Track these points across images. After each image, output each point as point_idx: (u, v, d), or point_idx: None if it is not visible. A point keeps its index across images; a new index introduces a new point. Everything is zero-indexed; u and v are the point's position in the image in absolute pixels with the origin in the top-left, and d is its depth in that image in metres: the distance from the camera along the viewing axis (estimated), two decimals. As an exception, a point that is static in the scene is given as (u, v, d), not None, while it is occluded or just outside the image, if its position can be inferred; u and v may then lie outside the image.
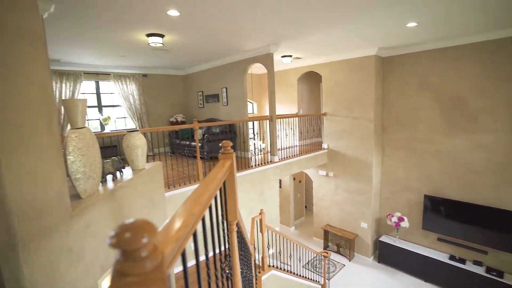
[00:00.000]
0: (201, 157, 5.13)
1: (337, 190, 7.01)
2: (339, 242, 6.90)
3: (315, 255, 6.34)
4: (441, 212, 5.56)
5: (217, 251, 0.97)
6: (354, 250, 6.73)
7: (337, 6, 3.26)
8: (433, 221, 5.69)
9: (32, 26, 1.24)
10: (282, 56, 6.20)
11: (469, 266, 5.17)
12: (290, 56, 6.27)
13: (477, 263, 5.18)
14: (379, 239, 6.38)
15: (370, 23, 3.99)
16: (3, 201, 1.12)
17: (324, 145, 7.09)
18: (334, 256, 6.85)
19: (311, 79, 8.03)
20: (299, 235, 8.27)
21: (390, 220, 6.07)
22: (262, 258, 3.60)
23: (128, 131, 2.36)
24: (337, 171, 6.94)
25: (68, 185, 1.59)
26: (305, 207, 9.51)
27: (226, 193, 1.04)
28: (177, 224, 0.49)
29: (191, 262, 3.29)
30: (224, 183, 1.05)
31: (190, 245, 2.61)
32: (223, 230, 1.16)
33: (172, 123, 7.47)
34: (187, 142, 6.10)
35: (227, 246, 1.17)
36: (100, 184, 2.01)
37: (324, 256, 4.92)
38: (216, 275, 0.94)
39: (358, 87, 6.23)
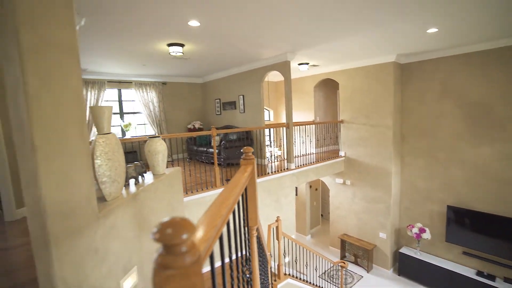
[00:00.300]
0: (218, 164, 5.19)
1: (354, 198, 6.86)
2: (356, 252, 6.71)
3: (331, 265, 6.20)
4: (466, 224, 5.30)
5: (238, 254, 0.99)
6: (372, 261, 6.52)
7: (356, 16, 3.26)
8: (458, 233, 5.43)
9: (69, 39, 1.33)
10: (299, 64, 6.23)
11: (500, 284, 4.87)
12: (307, 63, 6.29)
13: (508, 280, 4.86)
14: (399, 250, 6.16)
15: (389, 30, 3.95)
16: (38, 201, 1.20)
17: (341, 153, 6.99)
18: (351, 267, 6.66)
19: (328, 86, 8.00)
20: (315, 244, 8.12)
21: (411, 231, 5.85)
22: (278, 265, 3.56)
23: (149, 137, 2.44)
24: (355, 179, 6.81)
25: (94, 188, 1.67)
26: (321, 215, 9.35)
27: (247, 198, 1.07)
28: (207, 224, 0.51)
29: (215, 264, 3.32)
30: (245, 188, 1.08)
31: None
32: (244, 234, 1.18)
33: (190, 130, 7.63)
34: (204, 149, 6.21)
35: (247, 251, 1.18)
36: (123, 187, 2.09)
37: (341, 266, 4.81)
38: (238, 278, 0.95)
39: (376, 94, 6.14)
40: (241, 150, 1.15)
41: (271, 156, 6.33)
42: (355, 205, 6.85)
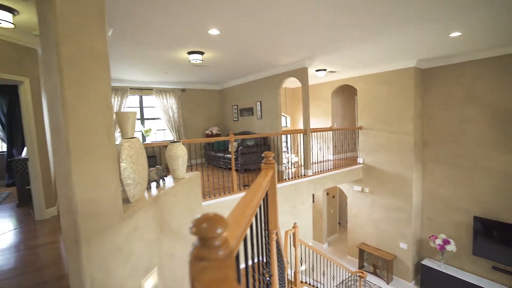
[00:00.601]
0: (235, 169, 5.25)
1: (373, 207, 6.68)
2: (375, 263, 6.51)
3: (349, 274, 6.03)
4: (496, 237, 5.01)
5: (259, 257, 1.01)
6: (392, 272, 6.29)
7: (375, 22, 3.24)
8: (486, 246, 5.14)
9: (101, 49, 1.43)
10: (316, 70, 6.23)
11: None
12: (325, 70, 6.28)
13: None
14: (421, 262, 5.91)
15: (409, 35, 3.89)
16: (71, 200, 1.27)
17: (360, 160, 6.86)
18: (370, 278, 6.46)
19: (346, 92, 7.92)
20: (332, 252, 7.95)
21: (434, 242, 5.61)
22: (295, 273, 3.53)
23: (170, 142, 2.52)
24: (373, 187, 6.64)
25: (120, 189, 1.74)
26: (339, 223, 9.15)
27: (268, 201, 1.09)
28: (234, 223, 0.54)
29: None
30: (266, 192, 1.10)
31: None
32: (265, 237, 1.20)
33: (207, 136, 7.77)
34: (222, 154, 6.29)
35: (267, 254, 1.20)
36: (146, 190, 2.16)
37: (360, 277, 4.67)
38: (260, 280, 0.97)
39: (396, 100, 6.01)
40: (262, 155, 1.18)
41: (288, 162, 6.31)
42: (374, 214, 6.66)
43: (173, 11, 2.81)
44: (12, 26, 2.71)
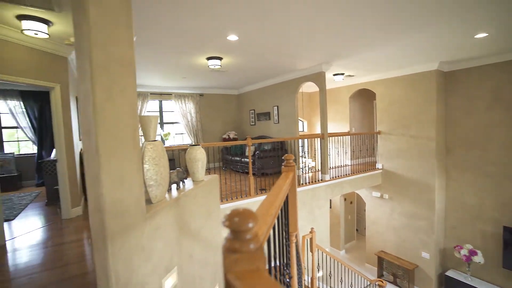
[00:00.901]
0: (252, 173, 5.27)
1: (392, 214, 6.49)
2: (395, 272, 6.29)
3: (368, 283, 5.86)
4: (526, 248, 4.72)
5: (279, 258, 1.01)
6: (414, 282, 6.05)
7: (395, 24, 3.20)
8: (516, 258, 4.85)
9: (128, 55, 1.50)
10: (334, 74, 6.18)
11: None
12: (342, 74, 6.22)
13: None
14: (445, 273, 5.65)
15: (431, 37, 3.79)
16: (99, 198, 1.34)
17: (378, 165, 6.70)
18: (389, 287, 6.24)
19: (364, 96, 7.79)
20: (349, 259, 7.76)
21: (459, 252, 5.35)
22: (312, 279, 3.48)
23: (190, 145, 2.59)
24: (393, 193, 6.45)
25: (143, 190, 1.80)
26: (356, 230, 8.94)
27: (288, 204, 1.10)
28: (261, 220, 0.55)
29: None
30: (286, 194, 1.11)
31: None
32: (285, 239, 1.21)
33: (225, 140, 7.86)
34: (239, 158, 6.34)
35: (287, 256, 1.20)
36: (166, 191, 2.22)
37: (379, 286, 4.54)
38: (280, 280, 0.98)
39: (417, 104, 5.84)
40: (280, 159, 1.19)
41: (304, 167, 6.27)
42: (394, 221, 6.46)
43: (195, 18, 2.90)
44: (47, 36, 2.90)
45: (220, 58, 4.48)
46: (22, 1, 2.44)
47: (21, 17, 2.72)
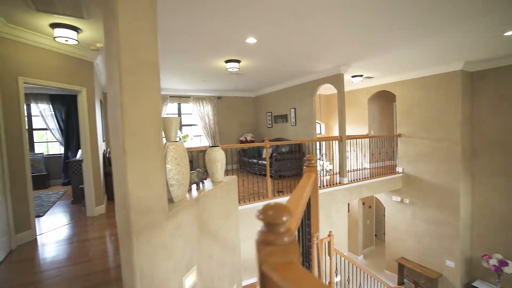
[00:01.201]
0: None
1: (414, 219, 6.26)
2: (417, 280, 6.05)
3: (388, 291, 5.68)
4: (562, 259, 4.42)
5: (302, 257, 1.01)
6: (437, 292, 5.80)
7: (423, 23, 3.11)
8: (550, 269, 4.55)
9: (153, 59, 1.56)
10: (352, 76, 6.09)
11: None
12: (361, 75, 6.12)
13: None
14: (472, 284, 5.38)
15: (457, 36, 3.66)
16: (126, 196, 1.40)
17: (399, 169, 6.50)
18: (411, 296, 6.02)
19: (383, 98, 7.61)
20: (368, 265, 7.56)
21: (487, 262, 5.08)
22: (330, 283, 3.42)
23: (210, 146, 2.63)
24: (414, 198, 6.24)
25: (166, 189, 1.85)
26: (375, 235, 8.70)
27: (311, 204, 1.10)
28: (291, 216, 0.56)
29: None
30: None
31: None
32: (307, 239, 1.21)
33: (242, 142, 7.92)
34: (255, 160, 6.37)
35: (308, 256, 1.20)
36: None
37: (400, 293, 4.38)
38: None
39: (440, 106, 5.64)
40: (304, 158, 1.19)
41: (322, 169, 6.20)
42: (416, 227, 6.24)
43: (215, 21, 2.96)
44: (76, 42, 3.06)
45: (238, 61, 4.53)
46: (55, 10, 2.59)
47: (53, 25, 2.88)
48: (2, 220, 2.81)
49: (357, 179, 5.50)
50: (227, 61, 4.53)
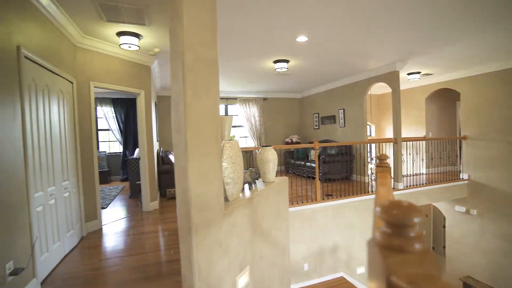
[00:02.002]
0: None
1: (483, 234, 5.51)
2: (487, 303, 5.30)
3: (450, 312, 5.07)
4: None
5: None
6: (513, 319, 5.01)
7: (490, 9, 2.72)
8: None
9: (212, 56, 1.57)
10: (408, 74, 5.61)
11: None
12: (418, 72, 5.61)
13: None
14: (560, 313, 4.54)
15: (544, 22, 3.12)
16: (187, 191, 1.42)
17: (463, 175, 5.80)
18: (479, 320, 5.29)
19: (442, 97, 6.87)
20: (425, 282, 6.86)
21: None
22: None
23: (262, 146, 2.61)
24: (483, 209, 5.49)
25: (222, 187, 1.86)
26: (433, 248, 7.87)
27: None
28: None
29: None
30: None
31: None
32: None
33: (287, 143, 7.82)
34: (302, 162, 6.22)
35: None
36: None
37: (468, 316, 3.87)
38: None
39: (518, 104, 4.89)
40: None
41: (372, 173, 5.81)
42: (485, 242, 5.48)
43: (266, 20, 2.94)
44: (138, 48, 3.29)
45: (287, 61, 4.47)
46: (122, 19, 2.81)
47: (119, 33, 3.14)
48: (76, 210, 3.13)
49: (413, 185, 5.04)
50: (275, 61, 4.50)
